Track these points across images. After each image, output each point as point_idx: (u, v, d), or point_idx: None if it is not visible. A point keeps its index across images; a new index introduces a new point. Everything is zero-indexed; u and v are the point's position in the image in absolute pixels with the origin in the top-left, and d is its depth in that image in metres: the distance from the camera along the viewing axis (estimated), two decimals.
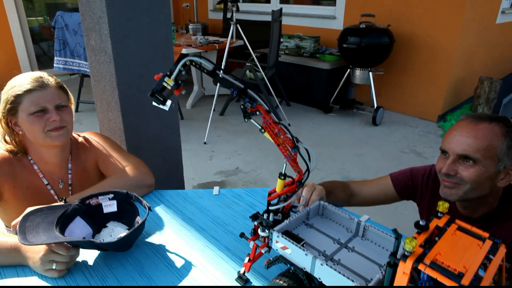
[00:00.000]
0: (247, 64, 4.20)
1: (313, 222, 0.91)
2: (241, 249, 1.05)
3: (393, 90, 4.58)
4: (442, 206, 0.71)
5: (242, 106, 0.78)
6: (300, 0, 7.27)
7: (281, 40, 4.69)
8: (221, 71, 0.78)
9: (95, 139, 1.35)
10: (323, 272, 0.72)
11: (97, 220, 1.07)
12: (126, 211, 1.08)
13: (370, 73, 4.18)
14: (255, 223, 0.88)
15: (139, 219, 1.04)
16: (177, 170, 1.91)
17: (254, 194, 1.35)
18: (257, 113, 0.78)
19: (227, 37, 4.88)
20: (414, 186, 1.28)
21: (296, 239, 0.80)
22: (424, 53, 4.21)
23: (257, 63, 3.95)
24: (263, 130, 0.80)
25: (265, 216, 0.87)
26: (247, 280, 0.91)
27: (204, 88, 5.18)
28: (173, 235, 1.10)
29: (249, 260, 0.91)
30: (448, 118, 4.31)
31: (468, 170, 1.01)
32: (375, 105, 4.22)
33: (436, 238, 0.65)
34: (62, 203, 1.08)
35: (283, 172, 0.85)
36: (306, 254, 0.74)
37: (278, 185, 0.86)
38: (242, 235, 0.93)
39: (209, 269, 0.97)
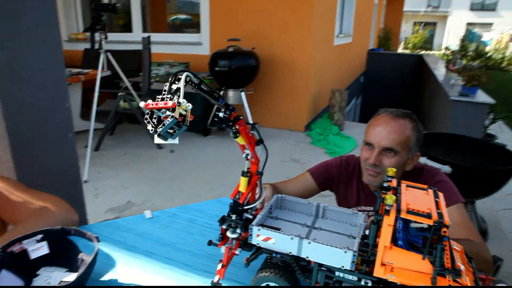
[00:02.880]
0: (120, 93, 4.00)
1: (276, 215, 0.96)
2: (201, 261, 1.02)
3: (264, 107, 5.00)
4: (391, 171, 0.85)
5: (226, 115, 0.76)
6: (159, 29, 7.33)
7: (151, 68, 4.63)
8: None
9: None
10: (310, 250, 0.77)
11: (24, 269, 0.88)
12: (61, 250, 0.92)
13: (242, 93, 4.48)
14: (223, 226, 0.88)
15: (83, 256, 0.91)
16: (80, 203, 1.70)
17: (189, 210, 1.32)
18: (240, 117, 0.79)
19: (90, 69, 4.58)
20: (331, 177, 1.46)
21: (274, 229, 0.83)
22: (285, 71, 4.75)
23: (133, 91, 3.80)
24: (237, 135, 0.80)
25: (233, 217, 0.87)
26: None
27: None
28: (122, 267, 0.99)
29: (222, 266, 0.89)
30: (312, 127, 4.91)
31: (390, 160, 1.22)
32: (251, 122, 4.52)
33: (398, 195, 0.78)
34: None
35: (245, 170, 0.88)
36: (292, 238, 0.78)
37: (243, 183, 0.88)
38: (210, 242, 0.91)
39: None
